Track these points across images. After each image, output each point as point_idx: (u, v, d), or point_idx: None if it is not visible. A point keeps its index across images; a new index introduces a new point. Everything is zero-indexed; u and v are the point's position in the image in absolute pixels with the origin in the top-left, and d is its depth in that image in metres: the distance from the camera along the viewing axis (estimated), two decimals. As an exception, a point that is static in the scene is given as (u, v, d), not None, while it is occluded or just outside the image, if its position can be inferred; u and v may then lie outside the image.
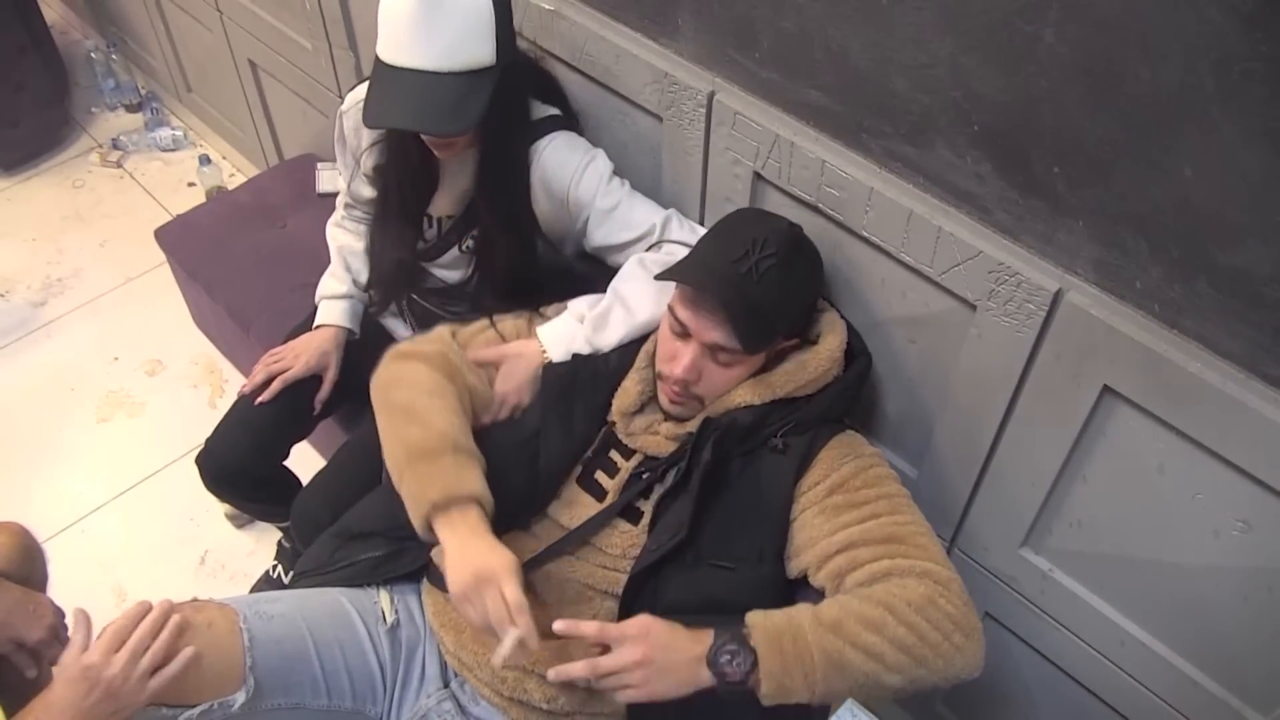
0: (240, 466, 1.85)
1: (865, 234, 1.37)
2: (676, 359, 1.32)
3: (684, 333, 1.31)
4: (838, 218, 1.40)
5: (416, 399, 1.36)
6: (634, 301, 1.48)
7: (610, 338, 1.47)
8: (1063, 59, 1.07)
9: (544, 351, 1.48)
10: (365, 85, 1.51)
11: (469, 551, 1.23)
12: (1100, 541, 1.35)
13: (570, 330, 1.50)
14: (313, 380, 1.83)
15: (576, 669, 1.15)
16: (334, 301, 1.86)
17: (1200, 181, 1.02)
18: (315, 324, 1.85)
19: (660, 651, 1.14)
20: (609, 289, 1.52)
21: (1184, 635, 1.33)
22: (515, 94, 1.55)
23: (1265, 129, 0.95)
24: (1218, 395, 1.10)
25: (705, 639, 1.14)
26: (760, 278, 1.27)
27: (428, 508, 1.25)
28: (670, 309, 1.34)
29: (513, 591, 1.18)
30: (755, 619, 1.15)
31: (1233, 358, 1.10)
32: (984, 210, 1.25)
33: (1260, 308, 1.04)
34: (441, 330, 1.51)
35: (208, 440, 1.85)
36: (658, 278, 1.35)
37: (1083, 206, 1.14)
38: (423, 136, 1.53)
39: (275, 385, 1.79)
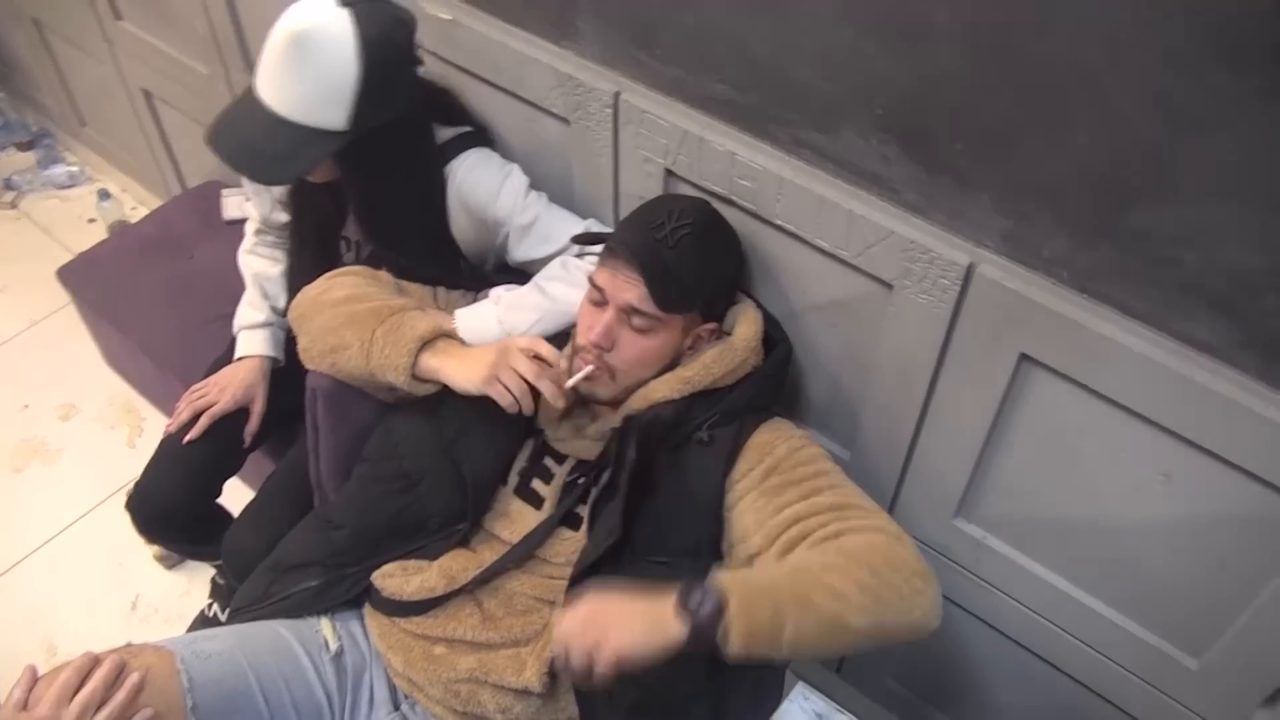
0: (173, 507, 1.80)
1: (779, 222, 1.38)
2: (593, 327, 1.33)
3: (601, 300, 1.33)
4: (751, 208, 1.41)
5: (361, 286, 1.41)
6: (552, 289, 1.48)
7: (523, 320, 1.46)
8: (958, 37, 1.09)
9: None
10: None
11: (470, 356, 1.32)
12: (1030, 506, 1.38)
13: (484, 313, 1.49)
14: (240, 414, 1.79)
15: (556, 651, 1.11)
16: (254, 331, 1.82)
17: (1096, 149, 1.05)
18: (237, 355, 1.81)
19: (610, 604, 1.09)
20: (530, 282, 1.53)
21: (1117, 589, 1.36)
22: (403, 138, 1.52)
23: (1153, 95, 0.98)
24: (1130, 355, 1.13)
25: (667, 592, 1.09)
26: (675, 244, 1.30)
27: (417, 343, 1.32)
28: (590, 280, 1.35)
29: (524, 340, 1.31)
30: (719, 572, 1.12)
31: (1141, 317, 1.13)
32: (893, 191, 1.27)
33: (1163, 267, 1.08)
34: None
35: (136, 483, 1.80)
36: (574, 239, 1.40)
37: (987, 181, 1.17)
38: None
39: (203, 421, 1.75)
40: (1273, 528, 1.14)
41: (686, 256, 1.31)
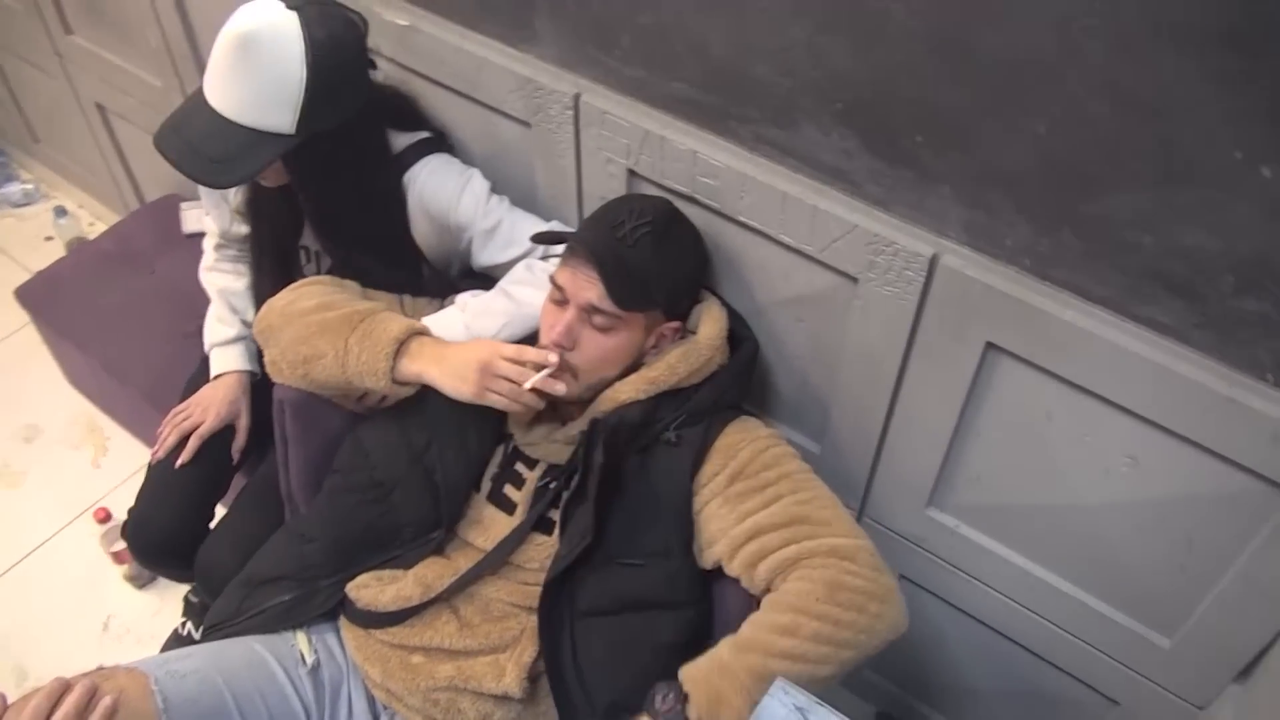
0: (171, 535, 1.75)
1: (743, 219, 1.38)
2: (554, 327, 1.32)
3: (562, 300, 1.33)
4: (715, 206, 1.41)
5: (328, 294, 1.40)
6: (518, 293, 1.48)
7: (490, 326, 1.46)
8: (913, 31, 1.09)
9: None
10: None
11: (451, 358, 1.31)
12: (1001, 493, 1.39)
13: (451, 320, 1.48)
14: (224, 434, 1.76)
15: None
16: (227, 347, 1.80)
17: (1054, 138, 1.06)
18: (213, 374, 1.79)
19: None
20: (495, 286, 1.52)
21: (1088, 572, 1.38)
22: (354, 142, 1.50)
23: (1108, 82, 0.99)
24: (1093, 340, 1.15)
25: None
26: (635, 242, 1.30)
27: (393, 345, 1.31)
28: (551, 279, 1.35)
29: (511, 349, 1.29)
30: (683, 670, 1.19)
31: (1103, 302, 1.15)
32: (855, 185, 1.28)
33: (1123, 252, 1.09)
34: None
35: (131, 512, 1.76)
36: (533, 238, 1.41)
37: (948, 172, 1.18)
38: None
39: (192, 443, 1.72)
40: (1237, 505, 1.15)
41: (645, 255, 1.31)
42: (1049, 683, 1.53)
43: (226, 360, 1.79)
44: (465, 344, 1.34)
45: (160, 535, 1.75)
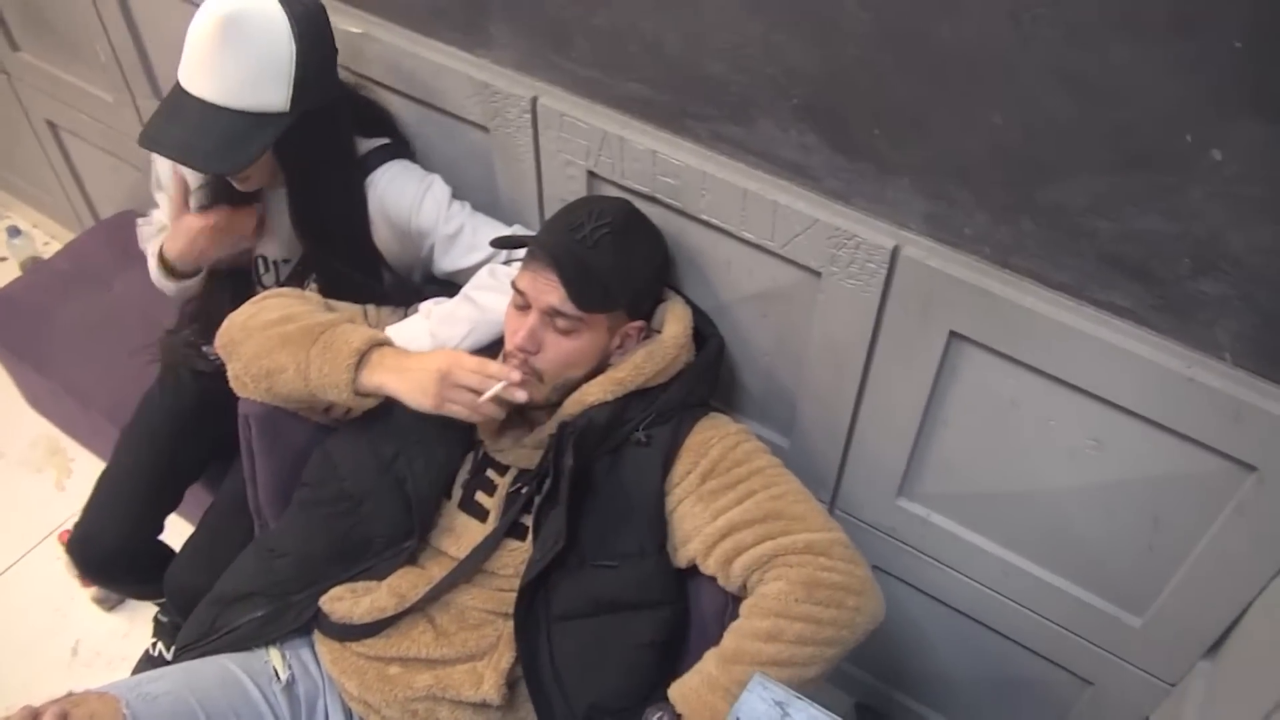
0: (116, 548, 1.75)
1: (705, 217, 1.39)
2: (517, 332, 1.32)
3: (524, 304, 1.32)
4: (676, 205, 1.41)
5: (290, 307, 1.38)
6: (482, 299, 1.47)
7: (455, 334, 1.45)
8: (867, 25, 1.10)
9: None
10: None
11: (412, 369, 1.30)
12: (969, 480, 1.41)
13: (415, 328, 1.47)
14: (181, 444, 1.75)
15: None
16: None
17: (1009, 127, 1.07)
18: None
19: None
20: (459, 293, 1.51)
21: (1059, 555, 1.39)
22: (333, 131, 1.50)
23: (1060, 70, 1.00)
24: (1054, 325, 1.16)
25: None
26: (595, 244, 1.30)
27: (354, 358, 1.29)
28: (512, 284, 1.34)
29: (473, 362, 1.27)
30: (673, 690, 1.21)
31: (1062, 288, 1.16)
32: (815, 179, 1.28)
33: (1080, 237, 1.10)
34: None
35: (76, 525, 1.75)
36: (492, 243, 1.40)
37: (907, 164, 1.18)
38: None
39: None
40: (1201, 484, 1.17)
41: (606, 256, 1.31)
42: (1024, 666, 1.55)
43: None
44: (426, 354, 1.33)
45: (102, 548, 1.75)
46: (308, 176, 1.51)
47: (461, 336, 1.44)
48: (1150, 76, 0.95)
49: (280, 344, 1.34)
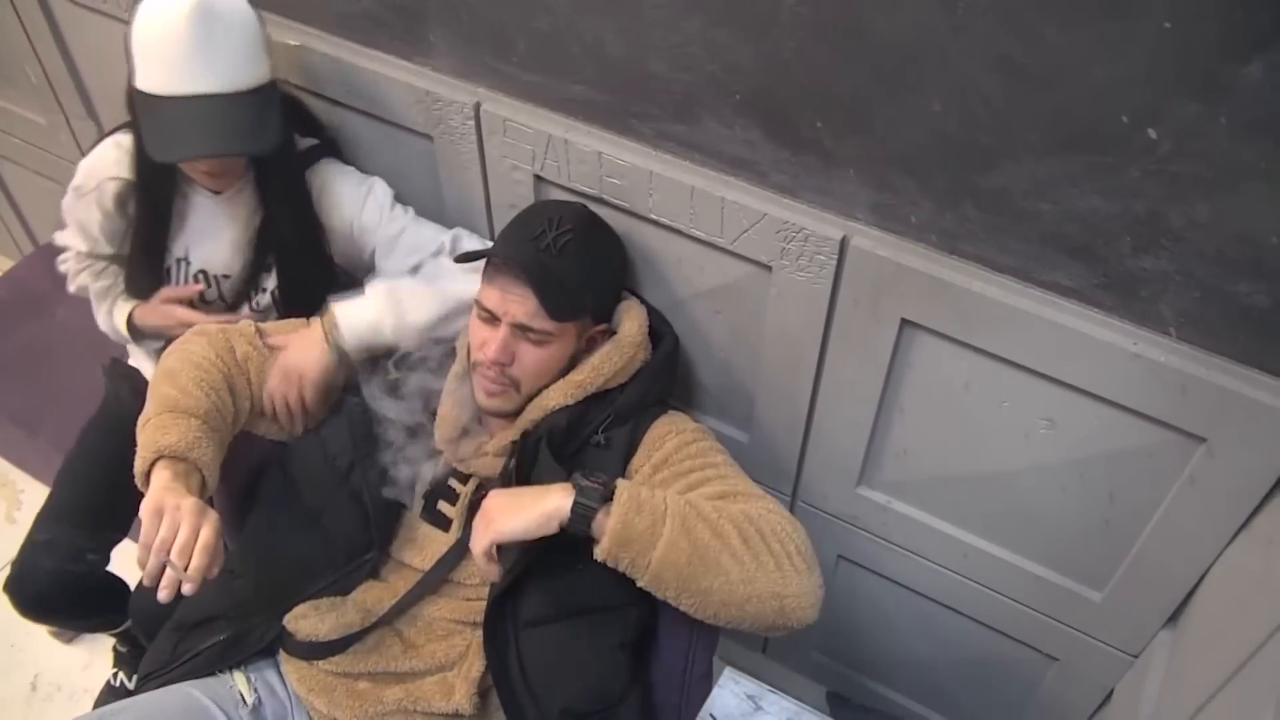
0: (55, 586, 1.67)
1: (653, 217, 1.39)
2: (487, 344, 1.30)
3: (491, 318, 1.30)
4: (624, 205, 1.41)
5: (182, 367, 1.31)
6: (448, 290, 1.45)
7: (421, 314, 1.43)
8: (804, 19, 1.11)
9: (330, 340, 1.41)
10: (101, 156, 1.45)
11: (166, 492, 1.15)
12: (927, 465, 1.42)
13: (369, 315, 1.42)
14: (122, 467, 1.70)
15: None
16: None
17: (949, 115, 1.08)
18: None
19: (506, 494, 1.20)
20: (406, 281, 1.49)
21: (1017, 534, 1.41)
22: (289, 129, 1.50)
23: (996, 57, 1.01)
24: (1001, 309, 1.17)
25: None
26: (559, 252, 1.29)
27: (155, 452, 1.19)
28: (477, 302, 1.32)
29: (190, 524, 1.12)
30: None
31: (1008, 271, 1.17)
32: (761, 174, 1.29)
33: (1023, 220, 1.12)
34: (246, 323, 1.44)
35: (13, 564, 1.68)
36: (457, 259, 1.37)
37: (850, 155, 1.19)
38: (194, 172, 1.47)
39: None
40: (1152, 457, 1.19)
41: (572, 263, 1.30)
42: (989, 646, 1.57)
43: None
44: (185, 495, 1.17)
45: (42, 590, 1.67)
46: (276, 167, 1.51)
47: (428, 319, 1.43)
48: (1084, 59, 0.97)
49: (152, 393, 1.30)
